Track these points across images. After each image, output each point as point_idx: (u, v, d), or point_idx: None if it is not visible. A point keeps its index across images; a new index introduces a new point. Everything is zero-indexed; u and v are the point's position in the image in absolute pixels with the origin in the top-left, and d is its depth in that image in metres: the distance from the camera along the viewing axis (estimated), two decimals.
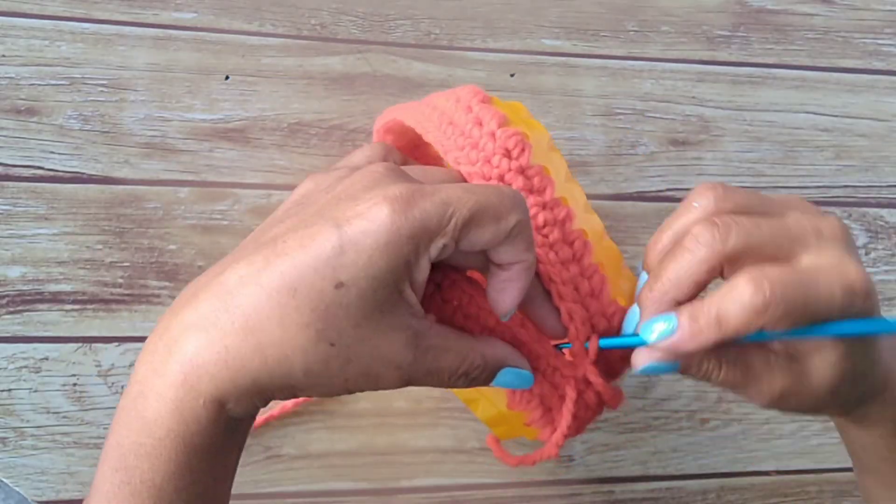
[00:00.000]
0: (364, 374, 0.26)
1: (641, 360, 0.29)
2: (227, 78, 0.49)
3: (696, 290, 0.29)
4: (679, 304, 0.29)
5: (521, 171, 0.31)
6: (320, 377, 0.25)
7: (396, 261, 0.25)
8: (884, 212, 0.55)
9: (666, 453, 0.50)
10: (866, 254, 0.54)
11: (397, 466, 0.47)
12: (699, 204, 0.29)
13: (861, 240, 0.54)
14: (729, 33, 0.55)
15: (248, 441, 0.47)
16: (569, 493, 0.49)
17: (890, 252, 0.55)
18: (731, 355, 0.29)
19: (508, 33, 0.53)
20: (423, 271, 0.26)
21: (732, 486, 0.51)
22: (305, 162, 0.50)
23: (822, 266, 0.27)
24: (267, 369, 0.25)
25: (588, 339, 0.31)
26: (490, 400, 0.35)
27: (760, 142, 0.54)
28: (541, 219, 0.31)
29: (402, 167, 0.29)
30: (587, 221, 0.32)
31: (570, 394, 0.32)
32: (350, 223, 0.25)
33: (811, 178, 0.55)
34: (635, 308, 0.31)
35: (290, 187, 0.49)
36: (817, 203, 0.54)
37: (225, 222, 0.48)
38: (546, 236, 0.31)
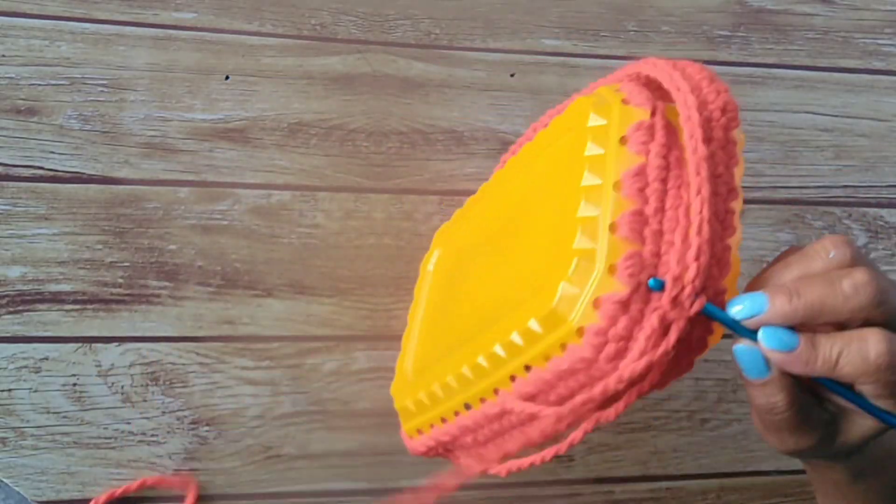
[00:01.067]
0: None
1: (749, 348, 0.30)
2: (227, 78, 0.50)
3: (827, 329, 0.30)
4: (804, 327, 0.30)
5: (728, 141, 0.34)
6: None
7: None
8: (884, 212, 0.55)
9: (666, 453, 0.50)
10: (866, 254, 0.54)
11: (397, 466, 0.47)
12: (835, 255, 0.30)
13: (861, 240, 0.54)
14: (729, 33, 0.55)
15: (249, 441, 0.47)
16: (569, 493, 0.49)
17: (890, 252, 0.55)
18: (805, 399, 0.30)
19: (508, 33, 0.53)
20: None
21: (732, 486, 0.51)
22: (305, 162, 0.50)
23: None
24: None
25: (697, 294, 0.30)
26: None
27: (760, 142, 0.54)
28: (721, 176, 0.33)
29: None
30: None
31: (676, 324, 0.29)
32: None
33: (811, 178, 0.55)
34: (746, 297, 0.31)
35: (290, 187, 0.49)
36: (817, 203, 0.54)
37: (225, 222, 0.48)
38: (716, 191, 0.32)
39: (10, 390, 0.45)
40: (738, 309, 0.30)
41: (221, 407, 0.47)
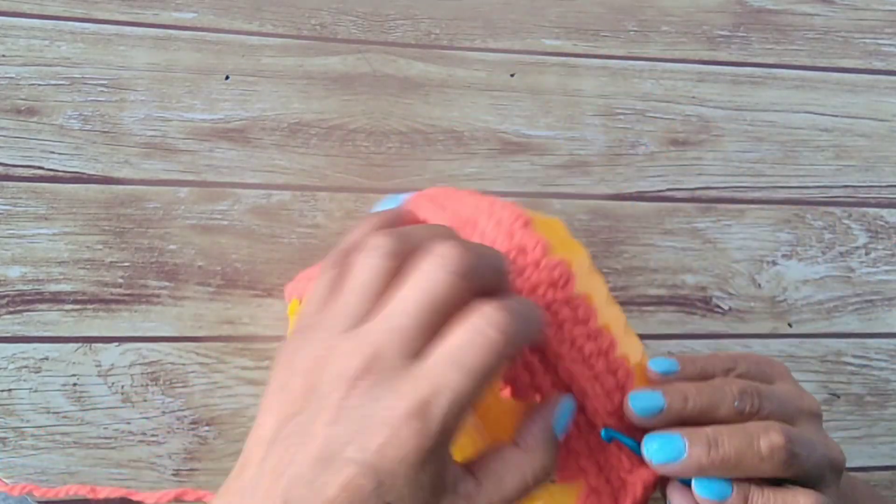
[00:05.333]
0: None
1: (678, 499, 0.32)
2: (227, 78, 0.49)
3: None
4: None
5: (567, 301, 0.31)
6: None
7: (434, 467, 0.26)
8: (884, 212, 0.55)
9: None
10: (866, 254, 0.54)
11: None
12: (738, 404, 0.32)
13: (861, 240, 0.54)
14: (729, 33, 0.56)
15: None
16: None
17: (890, 252, 0.55)
18: None
19: (508, 33, 0.53)
20: (451, 448, 0.27)
21: None
22: (305, 162, 0.50)
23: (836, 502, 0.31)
24: None
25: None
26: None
27: (760, 142, 0.54)
28: (587, 349, 0.32)
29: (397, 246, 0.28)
30: (610, 313, 0.33)
31: (638, 490, 0.33)
32: (379, 455, 0.25)
33: (811, 178, 0.55)
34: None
35: (290, 187, 0.49)
36: (817, 203, 0.54)
37: (225, 222, 0.48)
38: (592, 367, 0.32)
39: (10, 390, 0.45)
40: (654, 448, 0.31)
41: (221, 407, 0.47)
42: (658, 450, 0.30)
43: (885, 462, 0.54)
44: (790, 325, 0.53)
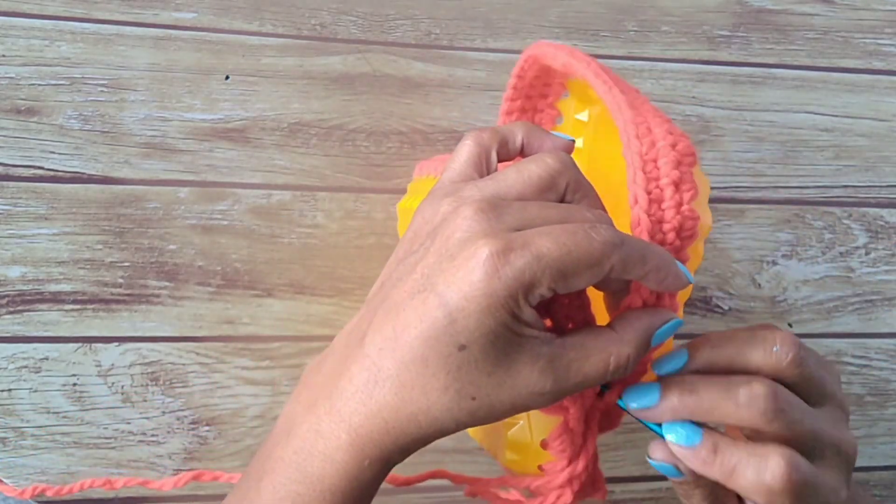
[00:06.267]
0: (512, 409, 0.28)
1: (658, 455, 0.31)
2: (227, 78, 0.49)
3: (737, 435, 0.31)
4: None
5: (677, 251, 0.32)
6: (472, 423, 0.28)
7: (502, 316, 0.26)
8: (884, 212, 0.55)
9: None
10: (866, 254, 0.54)
11: (397, 466, 0.47)
12: (778, 350, 0.30)
13: (861, 240, 0.54)
14: (729, 33, 0.55)
15: (249, 441, 0.47)
16: None
17: (890, 252, 0.55)
18: (713, 487, 0.32)
19: (508, 33, 0.53)
20: (531, 312, 0.27)
21: None
22: (305, 162, 0.50)
23: (831, 481, 0.30)
24: (422, 431, 0.28)
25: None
26: (531, 427, 0.35)
27: (760, 142, 0.54)
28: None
29: (496, 187, 0.29)
30: (702, 214, 0.33)
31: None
32: (451, 290, 0.26)
33: (811, 178, 0.55)
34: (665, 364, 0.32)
35: (290, 187, 0.49)
36: (817, 203, 0.54)
37: (225, 222, 0.48)
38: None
39: (10, 390, 0.45)
40: (631, 394, 0.31)
41: (221, 407, 0.47)
42: (635, 395, 0.30)
43: (885, 462, 0.54)
44: (790, 325, 0.53)
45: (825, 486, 0.29)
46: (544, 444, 0.34)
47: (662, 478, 0.50)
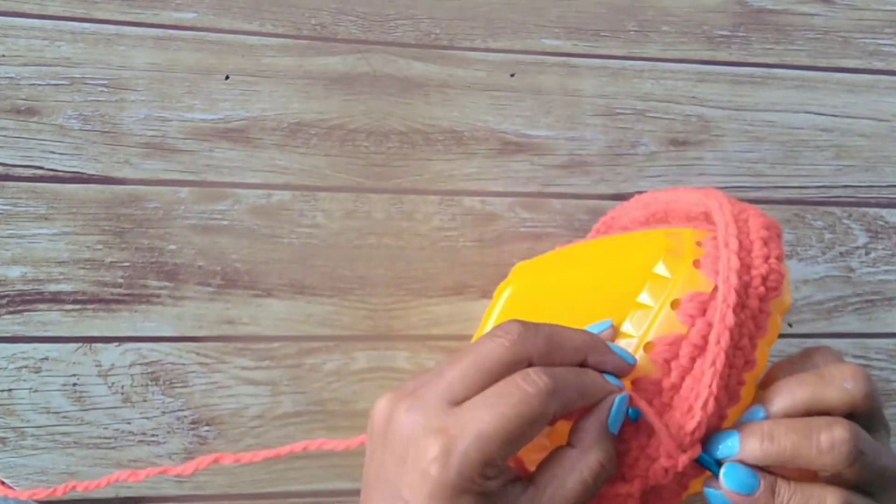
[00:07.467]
0: None
1: (716, 491, 0.31)
2: (227, 78, 0.50)
3: (794, 473, 0.31)
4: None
5: (753, 318, 0.32)
6: None
7: (469, 498, 0.27)
8: (884, 212, 0.55)
9: None
10: (866, 254, 0.54)
11: None
12: (851, 387, 0.30)
13: (861, 240, 0.54)
14: (729, 33, 0.55)
15: (249, 441, 0.47)
16: None
17: (890, 252, 0.55)
18: None
19: (508, 33, 0.53)
20: (494, 478, 0.28)
21: None
22: (305, 162, 0.50)
23: None
24: None
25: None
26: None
27: (760, 142, 0.54)
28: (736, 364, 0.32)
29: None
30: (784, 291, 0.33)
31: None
32: (416, 495, 0.28)
33: (811, 178, 0.55)
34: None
35: (290, 187, 0.49)
36: (817, 203, 0.54)
37: (225, 222, 0.48)
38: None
39: (10, 390, 0.45)
40: (713, 446, 0.31)
41: (221, 407, 0.47)
42: (713, 445, 0.30)
43: None
44: (790, 325, 0.53)
45: None
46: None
47: None
